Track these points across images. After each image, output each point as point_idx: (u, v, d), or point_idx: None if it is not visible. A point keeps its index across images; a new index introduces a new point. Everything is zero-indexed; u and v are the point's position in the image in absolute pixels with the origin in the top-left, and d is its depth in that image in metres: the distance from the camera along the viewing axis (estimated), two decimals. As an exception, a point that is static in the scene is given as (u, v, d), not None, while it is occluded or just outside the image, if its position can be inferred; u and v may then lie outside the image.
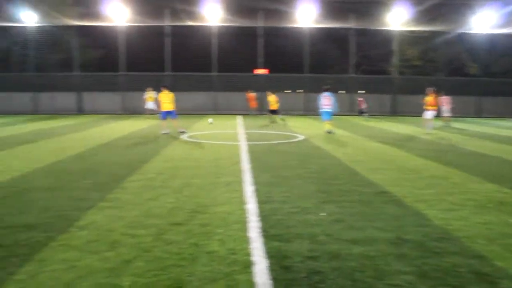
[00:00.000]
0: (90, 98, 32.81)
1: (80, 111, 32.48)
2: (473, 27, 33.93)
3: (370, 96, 33.89)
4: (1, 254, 4.77)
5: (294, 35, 33.73)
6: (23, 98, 32.86)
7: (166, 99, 17.66)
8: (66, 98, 32.96)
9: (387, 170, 10.00)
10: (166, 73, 32.37)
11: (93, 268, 4.40)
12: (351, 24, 33.29)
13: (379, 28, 34.02)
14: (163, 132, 17.56)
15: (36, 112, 32.51)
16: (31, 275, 4.23)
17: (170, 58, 32.41)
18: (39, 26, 32.65)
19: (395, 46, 35.01)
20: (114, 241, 5.15)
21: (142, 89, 28.50)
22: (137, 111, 30.80)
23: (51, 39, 33.67)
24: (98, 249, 4.91)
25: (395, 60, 35.69)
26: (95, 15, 31.68)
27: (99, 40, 34.18)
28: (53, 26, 33.09)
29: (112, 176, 9.03)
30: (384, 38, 35.13)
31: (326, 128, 18.39)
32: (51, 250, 4.88)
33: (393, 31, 34.27)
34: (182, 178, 8.85)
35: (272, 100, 23.90)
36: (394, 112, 34.44)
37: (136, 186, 8.10)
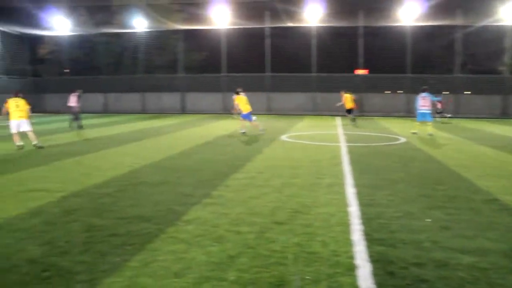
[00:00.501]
0: (193, 98, 34.26)
1: (183, 110, 34.02)
2: None
3: (477, 97, 31.78)
4: (117, 242, 5.12)
5: (395, 34, 32.58)
6: (132, 99, 35.15)
7: (243, 102, 18.08)
8: (171, 98, 34.71)
9: (497, 176, 9.29)
10: (266, 74, 32.85)
11: (200, 261, 4.57)
12: (457, 21, 31.44)
13: (489, 23, 31.74)
14: (242, 131, 18.08)
15: (143, 111, 34.58)
16: (144, 263, 4.50)
17: (269, 59, 32.85)
18: (147, 32, 34.72)
19: (507, 43, 32.48)
20: (219, 237, 5.31)
21: (244, 89, 29.14)
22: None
23: (158, 43, 35.68)
24: (204, 243, 5.09)
25: (507, 58, 33.12)
26: (199, 19, 33.01)
27: (202, 43, 35.54)
28: (160, 31, 35.02)
29: (215, 173, 9.33)
30: (495, 34, 32.70)
31: (428, 131, 17.55)
32: (161, 242, 5.15)
33: (506, 26, 31.78)
34: (283, 177, 8.92)
35: (348, 99, 23.56)
36: (505, 114, 31.96)
37: (239, 184, 8.30)
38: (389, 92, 34.48)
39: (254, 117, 18.16)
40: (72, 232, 5.51)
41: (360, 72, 32.86)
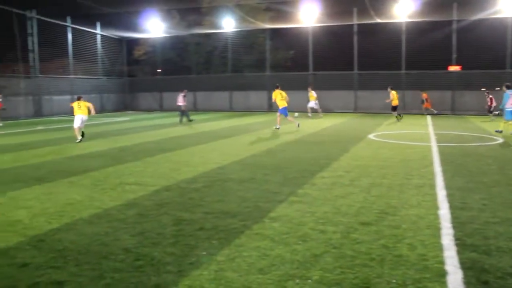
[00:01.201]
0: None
1: (270, 109, 34.28)
2: None
3: None
4: (204, 236, 5.28)
5: (493, 27, 30.41)
6: (221, 97, 36.07)
7: (279, 97, 18.99)
8: (258, 97, 35.14)
9: None
10: (353, 72, 32.22)
11: (284, 258, 4.57)
12: None
13: None
14: (276, 127, 19.07)
15: (231, 109, 35.36)
16: (229, 258, 4.59)
17: (357, 57, 32.14)
18: (236, 31, 35.43)
19: None
20: (304, 235, 5.29)
21: (331, 87, 28.97)
22: (328, 108, 31.35)
23: (246, 43, 36.28)
24: (288, 241, 5.09)
25: None
26: (286, 18, 33.09)
27: (289, 41, 35.59)
28: (248, 30, 35.57)
29: (301, 172, 9.32)
30: None
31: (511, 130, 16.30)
32: (247, 238, 5.23)
33: None
34: (370, 177, 8.70)
35: (395, 96, 23.53)
36: None
37: (325, 183, 8.21)
38: (484, 89, 32.29)
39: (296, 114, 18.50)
40: (163, 225, 5.76)
41: (454, 68, 31.13)
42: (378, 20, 30.96)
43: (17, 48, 28.77)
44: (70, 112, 18.14)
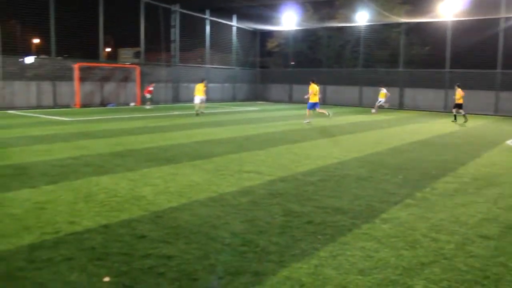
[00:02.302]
0: (411, 94, 32.86)
1: (400, 106, 32.94)
2: None
3: None
4: (311, 230, 5.29)
5: None
6: (350, 92, 35.46)
7: (313, 91, 19.46)
8: (389, 92, 33.86)
9: None
10: (496, 70, 29.55)
11: (388, 262, 4.41)
12: None
13: None
14: (306, 121, 19.32)
15: (360, 105, 34.60)
16: (332, 255, 4.55)
17: (501, 54, 29.37)
18: (369, 25, 34.46)
19: None
20: (414, 241, 5.04)
21: (469, 87, 26.91)
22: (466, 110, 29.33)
23: (379, 37, 35.10)
24: (396, 245, 4.89)
25: None
26: (423, 12, 31.35)
27: (425, 37, 33.66)
28: (382, 24, 34.36)
29: (423, 174, 8.85)
30: None
31: None
32: (353, 236, 5.13)
33: None
34: (500, 187, 7.96)
35: (458, 95, 22.58)
36: None
37: (447, 188, 7.71)
38: None
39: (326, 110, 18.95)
40: (272, 214, 5.89)
41: None
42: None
43: (161, 39, 31.18)
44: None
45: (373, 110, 27.29)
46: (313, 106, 19.57)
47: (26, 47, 25.81)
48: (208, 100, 27.51)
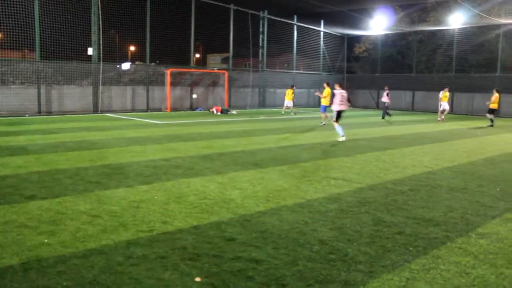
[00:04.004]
0: (510, 100, 30.78)
1: (498, 114, 30.92)
2: None
3: None
4: (401, 241, 5.13)
5: None
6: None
7: (325, 94, 20.14)
8: (484, 99, 31.97)
9: None
10: None
11: (487, 281, 4.16)
12: None
13: None
14: (321, 123, 20.17)
15: (452, 112, 32.95)
16: (424, 268, 4.39)
17: None
18: (463, 28, 32.76)
19: None
20: (515, 258, 4.73)
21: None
22: None
23: (474, 40, 33.25)
24: (496, 262, 4.61)
25: None
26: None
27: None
28: (478, 27, 32.52)
29: (522, 187, 8.27)
30: None
31: None
32: (447, 250, 4.91)
33: None
34: None
35: (494, 99, 22.34)
36: None
37: (552, 203, 7.14)
38: None
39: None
40: (361, 223, 5.79)
41: None
42: None
43: (249, 45, 31.79)
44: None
45: (441, 117, 25.23)
46: (325, 109, 20.15)
47: (123, 55, 27.53)
48: (295, 105, 27.67)
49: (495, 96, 22.47)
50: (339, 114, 14.75)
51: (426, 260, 4.60)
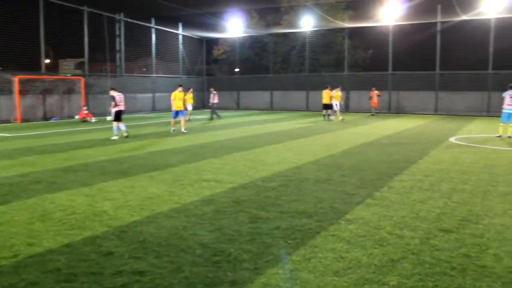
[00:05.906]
0: (357, 97, 33.73)
1: (346, 109, 33.73)
2: None
3: None
4: (280, 235, 5.31)
5: None
6: (297, 97, 35.98)
7: (178, 98, 18.27)
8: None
9: None
10: (435, 72, 30.89)
11: (360, 262, 4.50)
12: None
13: None
14: (171, 129, 18.52)
15: (307, 109, 35.17)
16: (305, 258, 4.59)
17: (439, 56, 30.73)
18: (314, 30, 35.19)
19: None
20: (381, 239, 5.17)
21: (410, 88, 28.14)
22: (405, 110, 30.59)
23: (324, 42, 35.91)
24: (365, 244, 5.00)
25: None
26: (365, 17, 32.38)
27: (368, 41, 34.80)
28: (327, 29, 35.17)
29: (379, 174, 9.10)
30: None
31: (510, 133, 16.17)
32: (322, 239, 5.19)
33: None
34: (451, 182, 8.33)
35: (326, 95, 24.48)
36: None
37: (403, 186, 7.97)
38: None
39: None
40: (239, 222, 5.86)
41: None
42: (464, 17, 29.42)
43: (105, 49, 30.47)
44: (150, 110, 19.03)
45: (340, 118, 25.33)
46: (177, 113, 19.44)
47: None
48: (155, 109, 27.14)
49: (327, 92, 24.91)
50: (118, 114, 16.10)
51: (305, 250, 4.81)
